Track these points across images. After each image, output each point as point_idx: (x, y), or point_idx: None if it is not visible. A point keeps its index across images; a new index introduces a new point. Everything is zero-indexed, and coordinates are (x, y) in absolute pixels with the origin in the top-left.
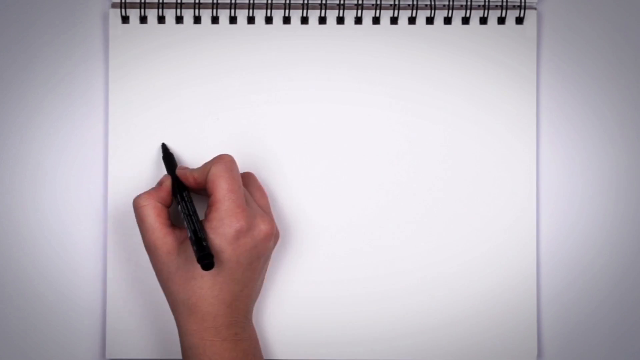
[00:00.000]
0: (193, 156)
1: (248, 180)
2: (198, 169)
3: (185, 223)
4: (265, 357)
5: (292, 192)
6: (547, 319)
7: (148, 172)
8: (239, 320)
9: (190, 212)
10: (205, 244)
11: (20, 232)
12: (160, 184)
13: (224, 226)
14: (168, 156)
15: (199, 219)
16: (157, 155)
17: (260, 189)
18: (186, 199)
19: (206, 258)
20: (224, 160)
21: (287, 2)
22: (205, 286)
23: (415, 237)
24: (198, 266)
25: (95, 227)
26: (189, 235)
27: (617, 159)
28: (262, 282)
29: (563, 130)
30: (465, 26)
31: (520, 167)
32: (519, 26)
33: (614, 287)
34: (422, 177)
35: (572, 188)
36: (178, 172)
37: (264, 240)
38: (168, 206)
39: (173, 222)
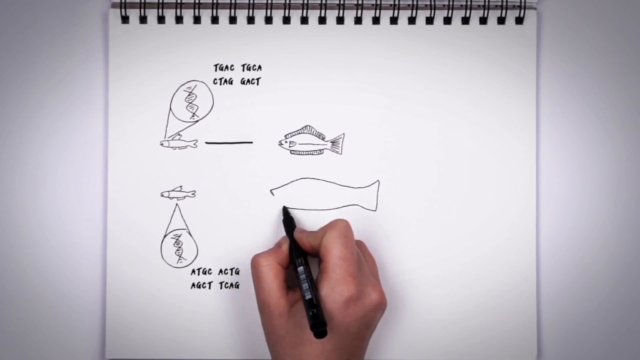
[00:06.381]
0: (192, 157)
1: (360, 247)
2: (313, 233)
3: (302, 286)
4: None
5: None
6: (547, 319)
7: (148, 173)
8: None
9: (309, 277)
10: (319, 312)
11: (20, 232)
12: (278, 245)
13: (335, 294)
14: (288, 220)
15: (315, 285)
16: (156, 155)
17: (370, 256)
18: (304, 263)
19: (320, 326)
20: (339, 227)
21: (287, 2)
22: (313, 353)
23: (415, 237)
24: (307, 332)
25: (95, 227)
26: (306, 299)
27: (617, 159)
28: (365, 351)
29: (563, 130)
30: (465, 26)
31: (520, 167)
32: (519, 26)
33: (613, 287)
34: (422, 177)
35: (572, 188)
36: (296, 235)
37: (374, 310)
38: (286, 268)
39: (287, 284)
